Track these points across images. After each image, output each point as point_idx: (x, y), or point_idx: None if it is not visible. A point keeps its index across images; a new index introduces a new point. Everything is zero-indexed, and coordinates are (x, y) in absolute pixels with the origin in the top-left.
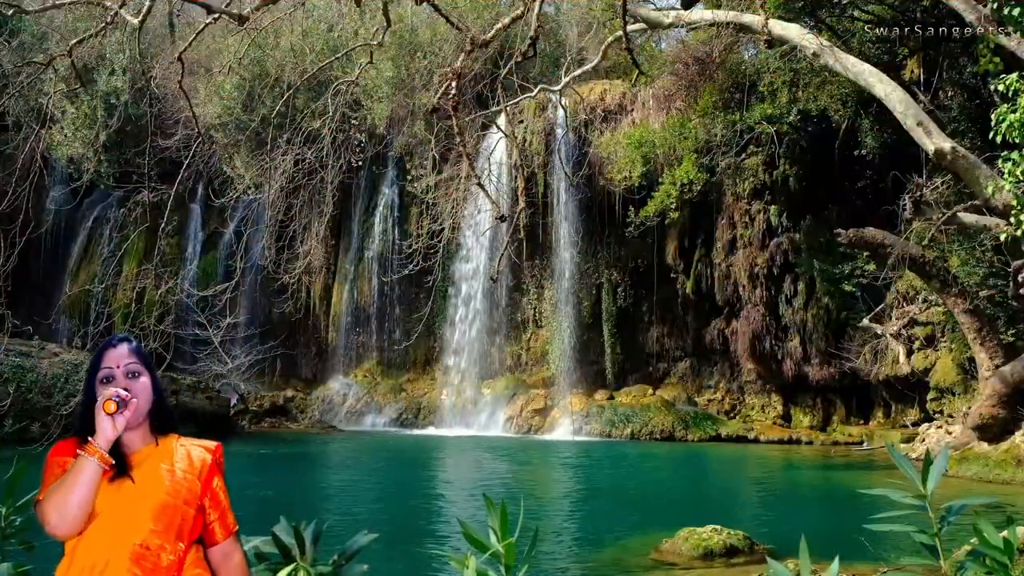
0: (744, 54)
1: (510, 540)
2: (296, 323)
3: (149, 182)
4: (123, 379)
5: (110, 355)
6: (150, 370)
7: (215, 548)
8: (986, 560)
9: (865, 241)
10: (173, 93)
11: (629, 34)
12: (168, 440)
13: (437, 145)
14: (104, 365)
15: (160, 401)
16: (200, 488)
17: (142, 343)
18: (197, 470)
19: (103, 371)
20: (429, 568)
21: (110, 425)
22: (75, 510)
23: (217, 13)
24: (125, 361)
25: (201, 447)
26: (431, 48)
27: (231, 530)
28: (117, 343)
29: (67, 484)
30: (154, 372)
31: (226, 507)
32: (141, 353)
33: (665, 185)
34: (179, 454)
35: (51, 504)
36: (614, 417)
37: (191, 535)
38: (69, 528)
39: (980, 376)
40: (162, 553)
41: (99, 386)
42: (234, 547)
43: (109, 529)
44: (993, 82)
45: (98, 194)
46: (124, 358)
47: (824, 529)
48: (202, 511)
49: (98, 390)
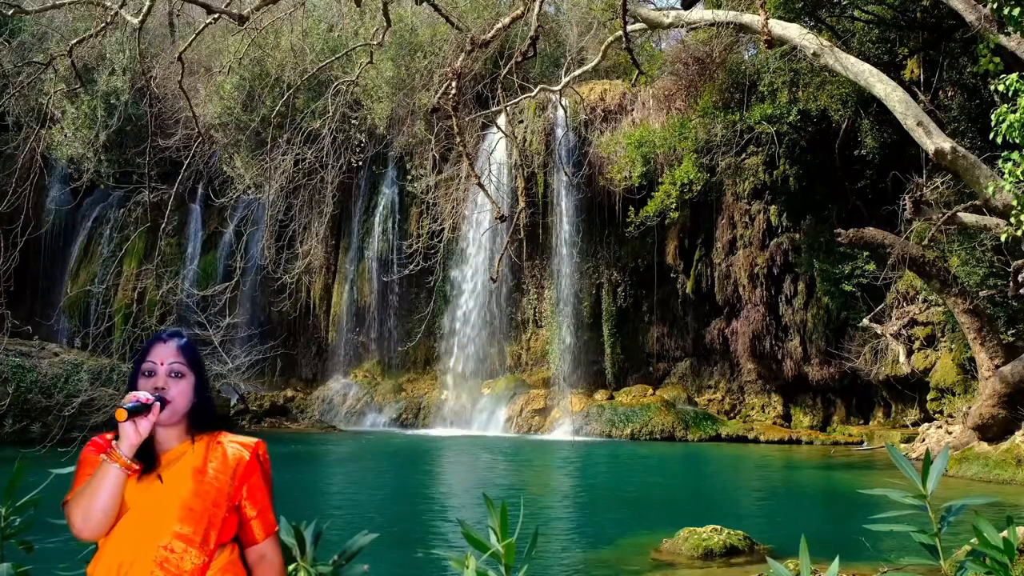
0: (744, 54)
1: (510, 540)
2: (296, 323)
3: (149, 182)
4: (164, 377)
5: (157, 350)
6: (196, 370)
7: (253, 548)
8: (986, 560)
9: (865, 241)
10: (173, 93)
11: (629, 34)
12: (205, 439)
13: (437, 145)
14: (149, 359)
15: (202, 402)
16: (233, 487)
17: (191, 341)
18: (231, 469)
19: (147, 364)
20: (429, 568)
21: (132, 430)
22: (98, 514)
23: (217, 13)
24: (170, 359)
25: (239, 444)
26: (431, 48)
27: (270, 530)
28: (167, 338)
29: (90, 489)
30: (200, 372)
31: (265, 506)
32: (190, 352)
33: (665, 185)
34: (214, 453)
35: (76, 507)
36: (614, 417)
37: (221, 536)
38: (92, 532)
39: (980, 376)
40: (186, 556)
41: (140, 379)
42: (271, 548)
43: (137, 528)
44: (993, 82)
45: (98, 194)
46: (170, 356)
47: (824, 529)
48: (236, 510)
49: (139, 382)
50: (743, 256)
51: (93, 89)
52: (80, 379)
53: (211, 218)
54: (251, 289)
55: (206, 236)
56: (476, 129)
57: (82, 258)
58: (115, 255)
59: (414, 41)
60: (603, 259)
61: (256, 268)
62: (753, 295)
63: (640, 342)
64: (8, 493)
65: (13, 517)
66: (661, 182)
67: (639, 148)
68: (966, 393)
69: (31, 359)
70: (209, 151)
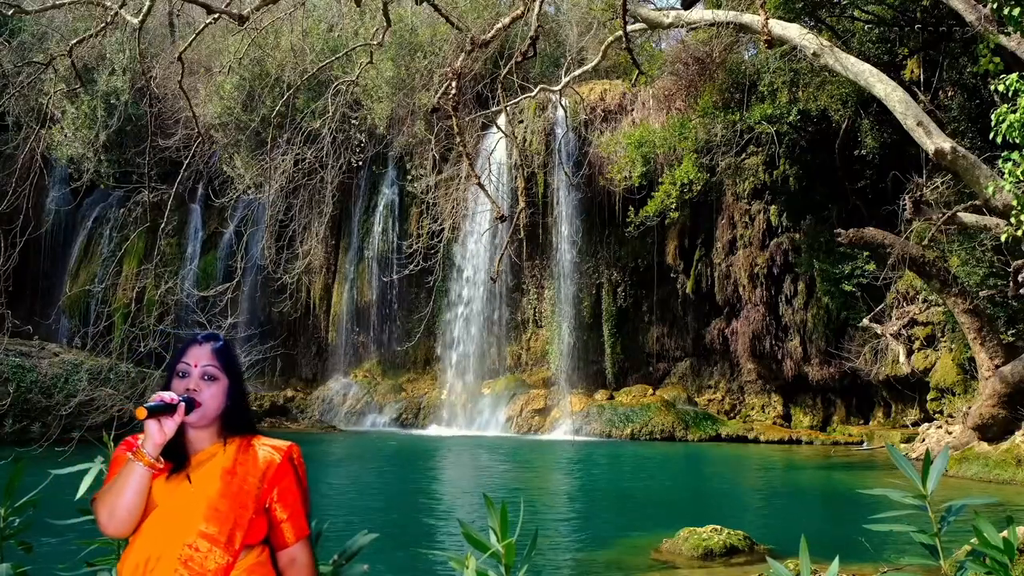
0: (744, 54)
1: (510, 540)
2: (296, 323)
3: (149, 182)
4: (197, 379)
5: (193, 352)
6: (231, 374)
7: (284, 551)
8: (986, 560)
9: (865, 241)
10: (173, 93)
11: (629, 34)
12: (237, 441)
13: (437, 145)
14: (184, 360)
15: (235, 406)
16: (262, 490)
17: (227, 345)
18: (260, 471)
19: (181, 365)
20: (429, 568)
21: (156, 430)
22: (122, 512)
23: (217, 13)
24: (204, 362)
25: (271, 447)
26: (431, 48)
27: (301, 534)
28: (203, 341)
29: (116, 487)
30: (236, 375)
31: (297, 509)
32: (225, 355)
33: (665, 185)
34: (245, 456)
35: (102, 504)
36: (614, 417)
37: (247, 538)
38: (117, 528)
39: (980, 376)
40: (210, 556)
41: (174, 379)
42: (303, 551)
43: (164, 526)
44: (993, 82)
45: (98, 194)
46: (205, 358)
47: (824, 529)
48: (265, 513)
49: (172, 383)
50: (743, 256)
51: (93, 89)
52: (80, 379)
53: (211, 218)
54: (251, 289)
55: (206, 236)
56: (476, 129)
57: (82, 258)
58: (115, 255)
59: (414, 41)
60: (603, 259)
61: (256, 268)
62: (753, 295)
63: (640, 342)
64: (7, 493)
65: (12, 517)
66: (661, 182)
67: (639, 148)
68: (966, 393)
69: (31, 359)
70: (209, 151)
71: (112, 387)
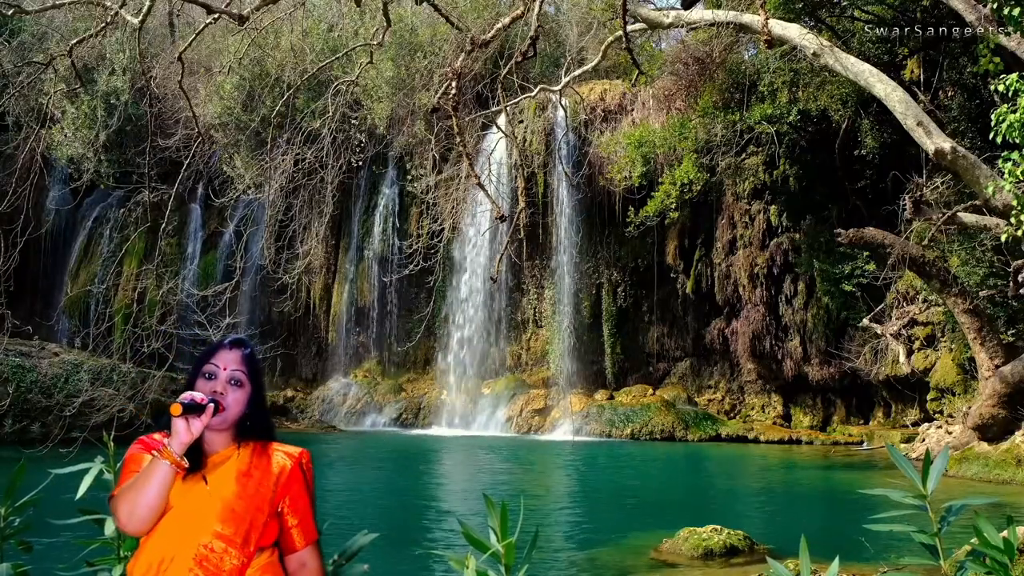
0: (744, 54)
1: (510, 540)
2: (296, 323)
3: (149, 182)
4: (223, 383)
5: (221, 355)
6: (254, 381)
7: (292, 556)
8: (986, 560)
9: (865, 241)
10: (173, 93)
11: (629, 34)
12: (252, 444)
13: (437, 145)
14: (212, 361)
15: (254, 413)
16: (275, 494)
17: (254, 352)
18: (274, 476)
19: (209, 366)
20: (429, 568)
21: (184, 428)
22: (144, 510)
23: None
24: (232, 367)
25: (284, 453)
26: (431, 48)
27: (311, 538)
28: (232, 345)
29: (138, 485)
30: (259, 383)
31: (307, 514)
32: (252, 362)
33: (665, 185)
34: (259, 459)
35: (123, 502)
36: (614, 417)
37: (262, 540)
38: (137, 527)
39: (980, 376)
40: (225, 556)
41: (200, 380)
42: (312, 556)
43: (179, 526)
44: (993, 82)
45: (98, 194)
46: (233, 363)
47: (824, 529)
48: (277, 517)
49: (197, 383)
50: (743, 256)
51: (93, 89)
52: (80, 379)
53: (211, 218)
54: (251, 289)
55: (206, 236)
56: (476, 129)
57: (82, 258)
58: (115, 255)
59: (414, 41)
60: (603, 259)
61: (256, 268)
62: (753, 295)
63: (640, 342)
64: (8, 493)
65: (13, 517)
66: (661, 182)
67: (639, 148)
68: (966, 393)
69: (31, 359)
70: (209, 151)
71: (113, 388)
